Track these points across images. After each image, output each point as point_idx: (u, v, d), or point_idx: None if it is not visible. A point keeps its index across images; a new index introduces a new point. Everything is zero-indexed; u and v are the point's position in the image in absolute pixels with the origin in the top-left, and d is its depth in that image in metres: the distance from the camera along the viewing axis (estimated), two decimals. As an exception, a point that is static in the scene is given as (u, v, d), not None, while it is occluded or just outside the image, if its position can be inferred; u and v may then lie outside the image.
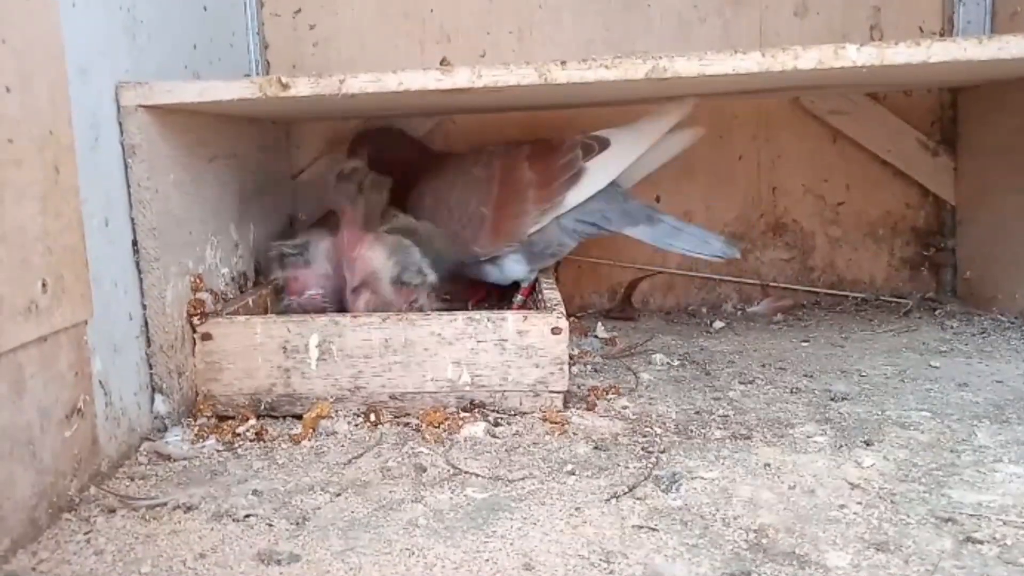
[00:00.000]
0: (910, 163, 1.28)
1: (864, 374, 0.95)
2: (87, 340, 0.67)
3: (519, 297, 1.09)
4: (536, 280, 1.07)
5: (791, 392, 0.90)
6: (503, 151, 1.06)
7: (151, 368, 0.79)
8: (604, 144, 0.99)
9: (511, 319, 0.84)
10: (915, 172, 1.28)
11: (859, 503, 0.62)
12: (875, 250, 1.32)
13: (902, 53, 0.74)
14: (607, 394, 0.90)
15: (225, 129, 0.97)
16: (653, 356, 1.05)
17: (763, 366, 1.01)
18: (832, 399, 0.87)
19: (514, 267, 1.05)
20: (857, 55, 0.74)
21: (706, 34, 1.27)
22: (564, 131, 1.12)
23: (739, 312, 1.30)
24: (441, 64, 0.83)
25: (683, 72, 0.75)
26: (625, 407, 0.87)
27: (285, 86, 0.75)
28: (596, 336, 1.16)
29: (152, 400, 0.80)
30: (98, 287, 0.69)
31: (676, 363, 1.03)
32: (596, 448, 0.75)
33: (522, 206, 1.00)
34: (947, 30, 1.24)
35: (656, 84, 0.79)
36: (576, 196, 0.99)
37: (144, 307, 0.78)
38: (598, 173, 0.98)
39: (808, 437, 0.76)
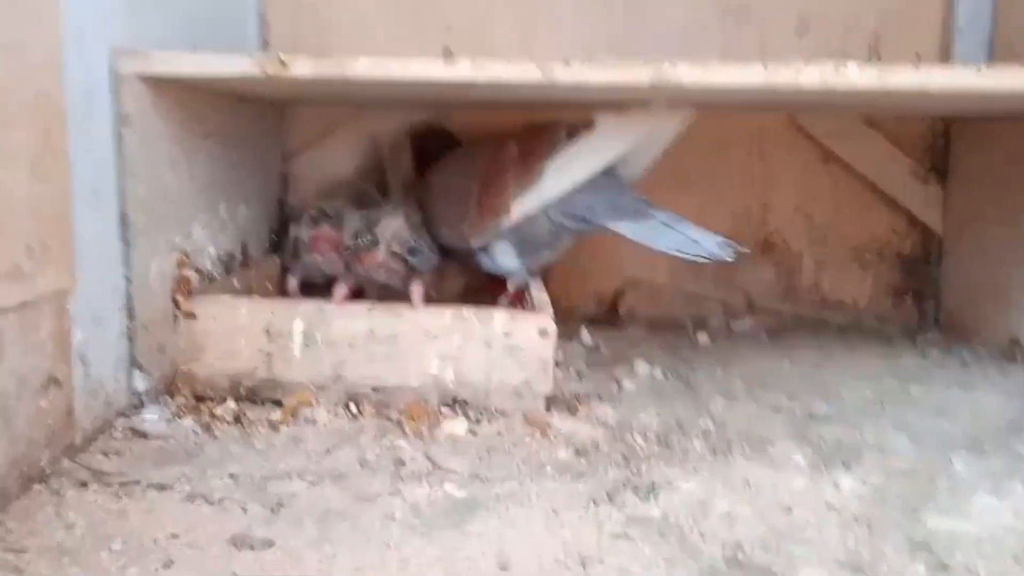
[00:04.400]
0: (900, 190, 1.29)
1: (844, 397, 0.96)
2: (69, 310, 0.66)
3: (504, 299, 1.08)
4: (528, 285, 1.07)
5: (772, 410, 0.90)
6: (499, 137, 1.06)
7: (132, 343, 0.78)
8: (590, 127, 0.97)
9: (499, 318, 0.84)
10: (904, 199, 1.29)
11: (836, 525, 0.62)
12: (860, 274, 1.33)
13: (902, 77, 0.74)
14: (590, 400, 0.90)
15: (220, 106, 0.96)
16: (637, 366, 1.05)
17: (745, 382, 1.01)
18: (812, 419, 0.87)
19: (504, 257, 1.04)
20: (858, 76, 0.74)
21: (707, 47, 1.27)
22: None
23: (725, 328, 1.30)
24: (444, 54, 0.83)
25: (687, 80, 0.75)
26: (607, 414, 0.87)
27: (285, 65, 0.75)
28: (580, 342, 1.16)
29: (131, 376, 0.78)
30: (83, 257, 0.67)
31: (659, 374, 1.03)
32: (577, 453, 0.75)
33: (503, 180, 0.99)
34: (944, 60, 1.25)
35: (658, 91, 0.79)
36: (556, 174, 0.96)
37: (128, 281, 0.76)
38: (581, 154, 0.95)
39: (787, 456, 0.76)
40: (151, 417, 0.77)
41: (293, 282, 1.01)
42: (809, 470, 0.73)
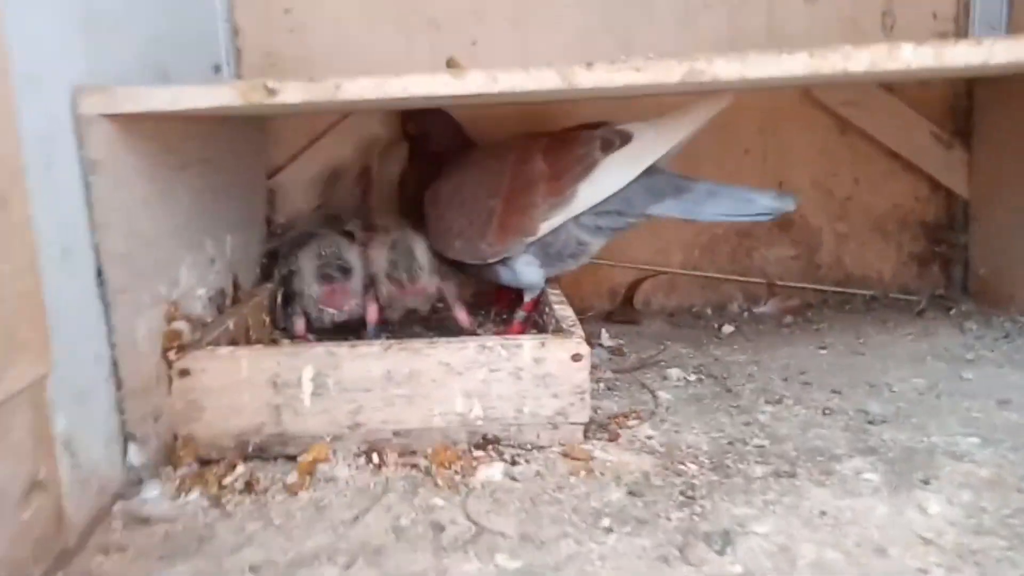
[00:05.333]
0: (922, 156, 1.22)
1: (894, 389, 0.90)
2: (47, 397, 0.57)
3: (521, 313, 1.01)
4: (542, 291, 0.99)
5: (823, 413, 0.84)
6: (521, 143, 0.97)
7: (122, 414, 0.69)
8: (626, 139, 0.90)
9: (527, 346, 0.76)
10: (927, 165, 1.22)
11: (939, 565, 0.56)
12: (883, 246, 1.27)
13: (962, 53, 0.67)
14: (627, 420, 0.83)
15: (196, 132, 0.86)
16: (667, 370, 0.98)
17: (785, 380, 0.95)
18: (870, 422, 0.81)
19: (526, 270, 0.96)
20: (913, 56, 0.67)
21: (711, 22, 1.19)
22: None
23: (746, 313, 1.24)
24: (448, 65, 0.74)
25: (723, 75, 0.67)
26: (650, 437, 0.80)
27: (272, 92, 0.66)
28: (601, 344, 1.09)
29: (125, 450, 0.70)
30: (59, 331, 0.59)
31: (692, 377, 0.96)
32: (630, 493, 0.68)
33: (531, 199, 0.91)
34: (962, 18, 1.18)
35: (690, 88, 0.71)
36: (589, 192, 0.89)
37: (112, 346, 0.68)
38: (615, 170, 0.88)
39: (858, 474, 0.69)
40: (152, 495, 0.69)
41: (300, 324, 0.94)
42: (887, 491, 0.66)
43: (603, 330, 1.14)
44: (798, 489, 0.68)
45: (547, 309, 0.97)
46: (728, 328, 1.15)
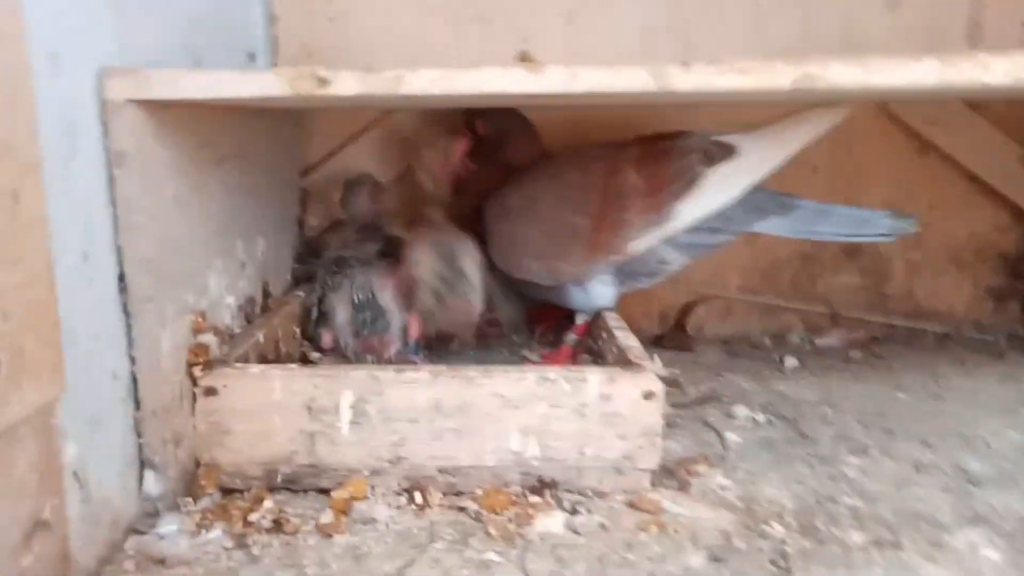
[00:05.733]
0: (1005, 181, 1.13)
1: (991, 444, 0.81)
2: (56, 424, 0.49)
3: (572, 336, 0.92)
4: (597, 314, 0.91)
5: (916, 469, 0.75)
6: (606, 153, 0.88)
7: (140, 438, 0.62)
8: (729, 152, 0.82)
9: (593, 380, 0.68)
10: (1010, 191, 1.13)
11: None
12: (957, 278, 1.17)
13: None
14: (696, 466, 0.74)
15: (232, 125, 0.79)
16: (732, 407, 0.89)
17: (864, 425, 0.86)
18: (971, 482, 0.72)
19: (601, 291, 0.88)
20: (1063, 69, 0.58)
21: (782, 25, 1.10)
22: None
23: (808, 345, 1.15)
24: (522, 59, 0.66)
25: (841, 82, 0.58)
26: (724, 487, 0.71)
27: (324, 82, 0.58)
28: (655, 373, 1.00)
29: (141, 479, 0.62)
30: (73, 346, 0.51)
31: (761, 417, 0.88)
32: (713, 559, 0.60)
33: (623, 216, 0.83)
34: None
35: (800, 95, 0.62)
36: (690, 210, 0.82)
37: (132, 361, 0.60)
38: (720, 186, 0.81)
39: (974, 550, 0.61)
40: (169, 530, 0.61)
41: (328, 337, 0.85)
42: (1012, 573, 0.57)
43: (655, 356, 1.05)
44: (905, 563, 0.59)
45: (604, 335, 0.89)
46: (792, 361, 1.06)
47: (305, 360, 0.86)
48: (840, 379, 1.01)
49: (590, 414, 0.68)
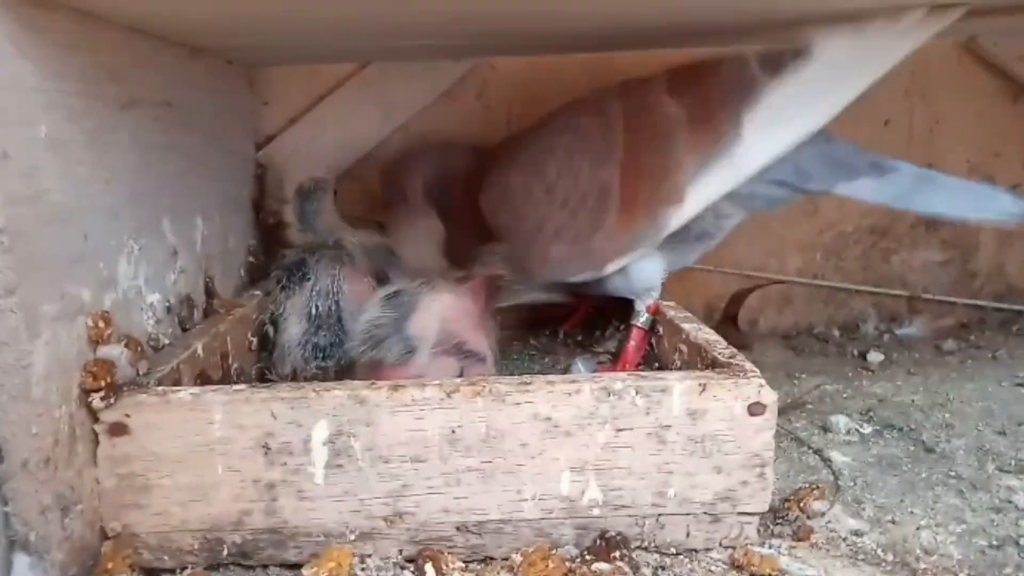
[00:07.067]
0: (1116, 131, 0.94)
1: None
2: None
3: (645, 317, 0.69)
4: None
5: (1091, 491, 0.55)
6: (619, 90, 0.67)
7: (4, 506, 0.40)
8: (799, 54, 0.59)
9: (678, 390, 0.47)
10: (1120, 143, 0.94)
11: None
12: (1055, 250, 0.99)
13: None
14: (809, 501, 0.54)
15: (151, 59, 0.57)
16: (828, 417, 0.69)
17: (1002, 433, 0.66)
18: None
19: (647, 267, 0.66)
20: None
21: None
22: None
23: (886, 336, 0.95)
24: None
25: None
26: (856, 531, 0.51)
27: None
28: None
29: (9, 568, 0.40)
30: None
31: (867, 429, 0.67)
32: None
33: (668, 157, 0.61)
34: None
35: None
36: (764, 135, 0.59)
37: (-15, 388, 0.39)
38: (797, 98, 0.59)
39: None
40: (52, 651, 0.39)
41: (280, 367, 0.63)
42: None
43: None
44: None
45: (659, 329, 0.68)
46: (876, 356, 0.86)
47: (264, 379, 0.65)
48: (943, 375, 0.81)
49: (674, 438, 0.47)
